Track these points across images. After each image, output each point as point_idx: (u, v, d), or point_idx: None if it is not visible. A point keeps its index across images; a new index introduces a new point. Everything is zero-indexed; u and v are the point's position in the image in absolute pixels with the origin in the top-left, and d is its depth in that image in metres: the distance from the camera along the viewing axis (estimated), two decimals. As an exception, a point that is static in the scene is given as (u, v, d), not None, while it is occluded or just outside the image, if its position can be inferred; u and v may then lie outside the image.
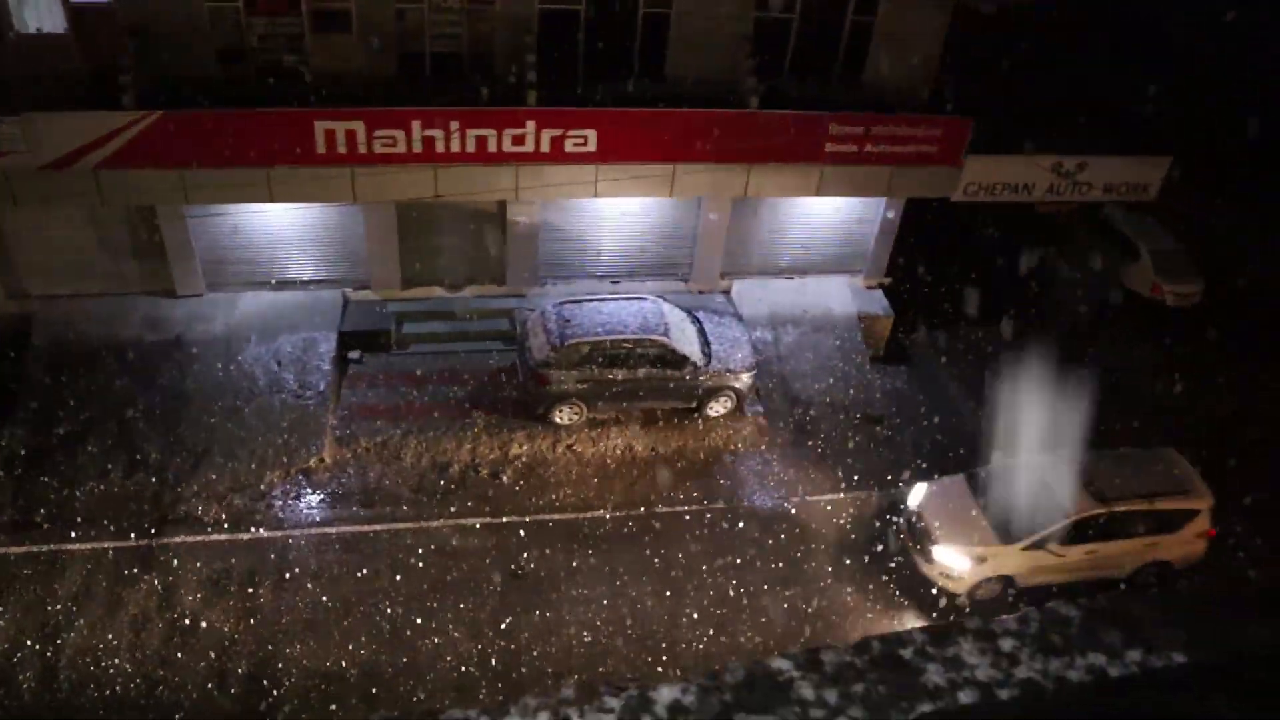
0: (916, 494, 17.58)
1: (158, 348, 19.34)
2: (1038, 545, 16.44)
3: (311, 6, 17.44)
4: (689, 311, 19.75)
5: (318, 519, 17.11)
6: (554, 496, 17.79)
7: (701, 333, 19.30)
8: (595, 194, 19.16)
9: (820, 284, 22.11)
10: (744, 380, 19.03)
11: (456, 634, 15.47)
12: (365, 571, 16.30)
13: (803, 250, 21.94)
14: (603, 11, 18.34)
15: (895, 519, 17.67)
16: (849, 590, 16.82)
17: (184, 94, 17.39)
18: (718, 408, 19.22)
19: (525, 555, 16.71)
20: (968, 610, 16.82)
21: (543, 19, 18.16)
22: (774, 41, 19.11)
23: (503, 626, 15.61)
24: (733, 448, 19.04)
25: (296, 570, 16.26)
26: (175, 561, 16.22)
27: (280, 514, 17.10)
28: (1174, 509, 16.76)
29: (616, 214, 20.52)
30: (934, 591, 16.71)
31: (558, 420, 18.70)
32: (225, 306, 20.12)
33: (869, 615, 16.55)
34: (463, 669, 14.96)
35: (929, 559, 16.68)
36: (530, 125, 17.95)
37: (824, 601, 16.56)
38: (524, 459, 18.34)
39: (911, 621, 16.53)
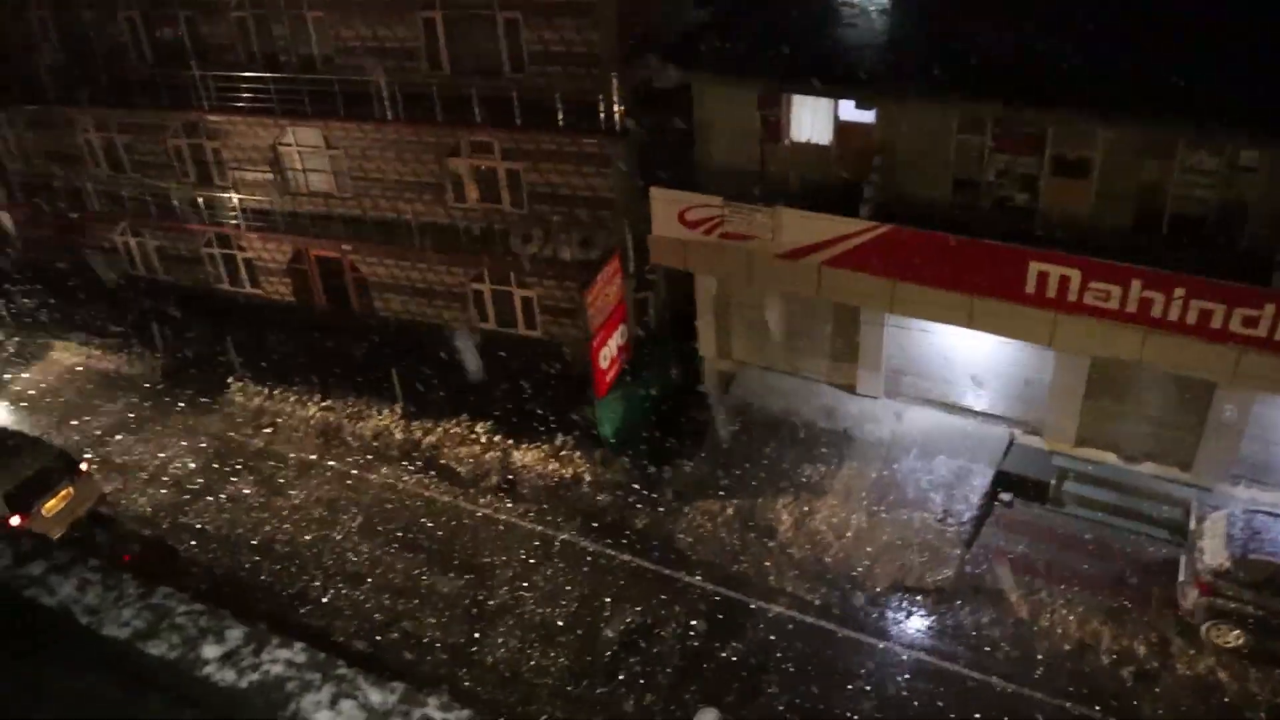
0: None
1: (826, 435, 20.81)
2: None
3: (1055, 152, 17.47)
4: None
5: (912, 641, 16.97)
6: (1171, 715, 15.53)
7: None
8: (1328, 399, 16.49)
9: None
10: None
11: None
12: (941, 705, 15.82)
13: None
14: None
15: None
16: None
17: (912, 212, 18.47)
18: None
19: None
20: None
21: (1312, 193, 16.11)
22: None
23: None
24: None
25: (874, 682, 16.37)
26: (760, 626, 17.38)
27: (880, 622, 17.32)
28: None
29: (1354, 429, 17.37)
30: None
31: (1211, 638, 16.32)
32: (894, 415, 20.90)
33: None
34: None
35: None
36: (1269, 309, 16.05)
37: None
38: (1151, 663, 16.23)
39: None
